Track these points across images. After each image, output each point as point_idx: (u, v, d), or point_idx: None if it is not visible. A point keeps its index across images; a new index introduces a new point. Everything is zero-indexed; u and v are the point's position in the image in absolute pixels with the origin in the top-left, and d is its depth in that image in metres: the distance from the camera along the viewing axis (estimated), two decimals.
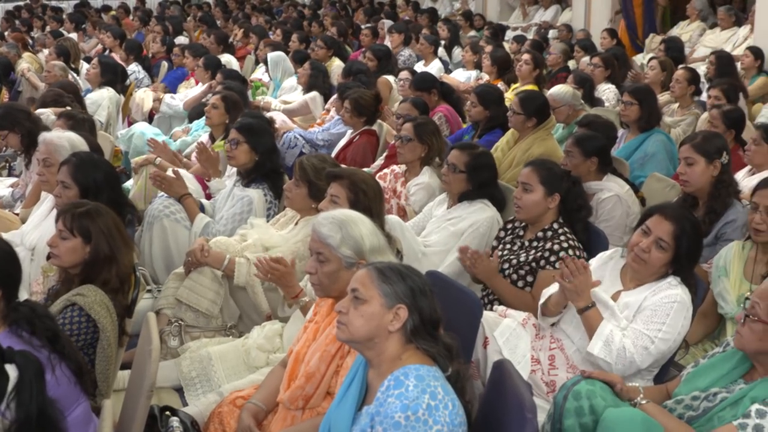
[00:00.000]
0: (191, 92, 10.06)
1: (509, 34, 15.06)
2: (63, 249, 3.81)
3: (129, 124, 9.47)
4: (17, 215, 5.95)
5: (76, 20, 17.61)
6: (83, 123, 6.46)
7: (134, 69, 11.60)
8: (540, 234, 4.68)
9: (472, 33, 15.70)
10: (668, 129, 7.56)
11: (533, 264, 4.59)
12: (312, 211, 4.85)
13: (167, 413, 3.70)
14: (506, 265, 4.68)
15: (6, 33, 15.88)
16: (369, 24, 15.88)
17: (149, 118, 10.07)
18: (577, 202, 4.76)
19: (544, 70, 10.11)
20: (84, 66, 10.84)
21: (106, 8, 21.07)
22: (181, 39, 14.95)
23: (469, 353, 3.86)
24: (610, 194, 5.50)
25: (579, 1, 15.21)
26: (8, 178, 7.27)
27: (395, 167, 6.24)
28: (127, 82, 10.18)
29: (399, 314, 2.87)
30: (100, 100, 8.93)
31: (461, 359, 2.99)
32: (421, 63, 11.84)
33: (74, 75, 10.08)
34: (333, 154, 7.34)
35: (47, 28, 17.21)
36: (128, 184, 7.06)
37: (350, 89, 7.81)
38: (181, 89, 10.84)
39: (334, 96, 8.83)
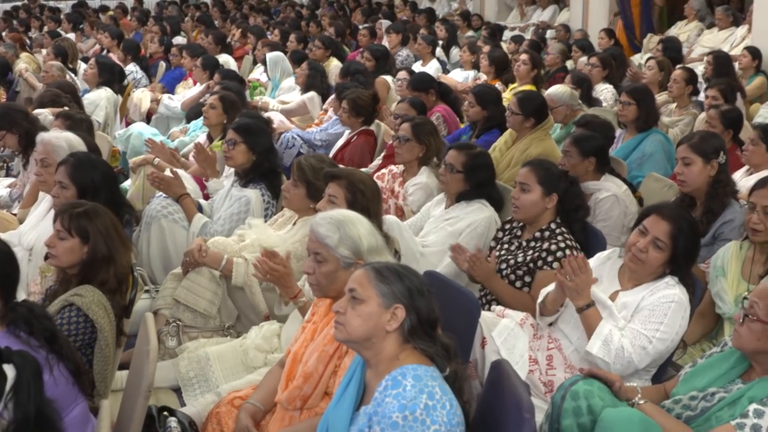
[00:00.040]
0: (189, 93, 10.05)
1: (507, 35, 15.07)
2: (61, 249, 3.81)
3: (127, 125, 9.44)
4: (15, 215, 5.95)
5: (74, 20, 17.59)
6: (81, 123, 6.45)
7: (132, 69, 11.58)
8: (537, 234, 4.68)
9: (470, 33, 15.69)
10: (666, 129, 7.56)
11: (531, 264, 4.59)
12: (310, 212, 4.84)
13: (165, 413, 3.70)
14: (504, 266, 4.68)
15: (4, 33, 15.83)
16: (367, 24, 15.88)
17: (147, 119, 10.05)
18: (575, 202, 4.76)
19: (542, 71, 10.11)
20: (82, 66, 10.83)
21: (104, 8, 21.03)
22: (179, 39, 14.95)
23: (467, 353, 3.86)
24: (608, 194, 5.50)
25: (577, 2, 15.22)
26: (6, 179, 7.25)
27: (393, 167, 6.24)
28: (125, 83, 10.16)
29: (396, 314, 2.87)
30: (98, 101, 8.92)
31: (459, 359, 2.99)
32: (419, 63, 11.84)
33: (72, 75, 10.06)
34: (331, 155, 7.34)
35: (45, 29, 17.21)
36: (126, 185, 7.06)
37: (348, 89, 7.80)
38: (179, 89, 10.82)
39: (332, 96, 8.82)
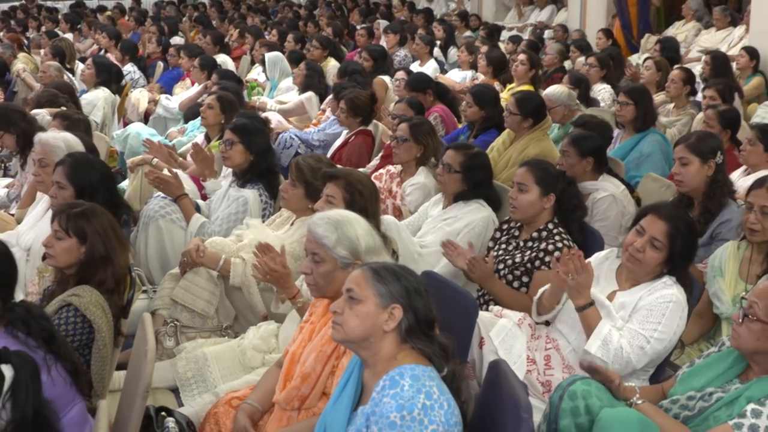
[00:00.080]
0: (187, 93, 10.04)
1: (505, 35, 15.06)
2: (58, 249, 3.81)
3: (124, 125, 9.45)
4: (12, 216, 5.94)
5: (72, 21, 17.59)
6: (79, 123, 6.45)
7: (130, 69, 11.58)
8: (535, 234, 4.68)
9: (468, 33, 15.69)
10: (664, 129, 7.57)
11: (528, 265, 4.59)
12: (308, 212, 4.84)
13: (163, 414, 3.70)
14: (501, 266, 4.68)
15: (1, 33, 15.83)
16: (364, 24, 15.87)
17: (145, 119, 10.05)
18: (573, 203, 4.76)
19: (540, 71, 10.11)
20: (79, 66, 10.82)
21: (102, 8, 21.03)
22: (177, 39, 14.93)
23: (465, 353, 3.86)
24: (606, 194, 5.50)
25: (574, 2, 15.21)
26: (4, 179, 7.24)
27: (391, 167, 6.24)
28: (123, 83, 10.16)
29: (394, 314, 2.87)
30: (96, 101, 8.91)
31: (457, 359, 2.99)
32: (417, 63, 11.83)
33: (69, 75, 10.06)
34: (328, 155, 7.34)
35: (42, 29, 17.21)
36: (124, 185, 7.06)
37: (346, 89, 7.81)
38: (177, 90, 10.82)
39: (330, 96, 8.82)
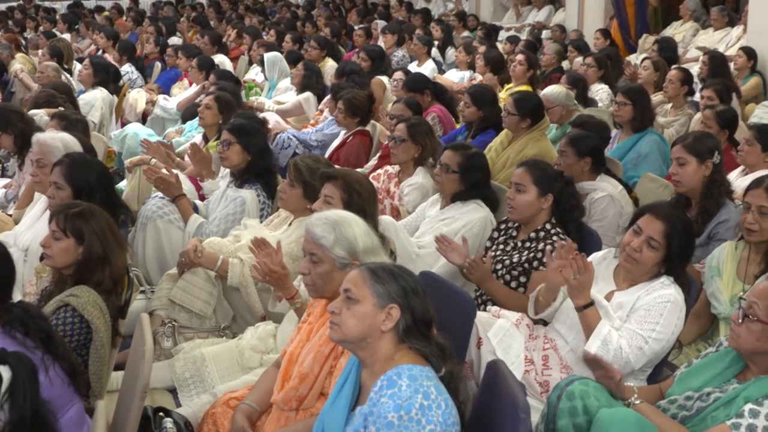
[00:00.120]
0: (185, 94, 10.04)
1: (502, 35, 15.06)
2: (56, 249, 3.81)
3: (122, 125, 9.44)
4: (10, 216, 5.94)
5: (70, 21, 17.58)
6: (76, 124, 6.45)
7: (127, 70, 11.58)
8: (533, 234, 4.68)
9: (466, 33, 15.70)
10: (661, 129, 7.57)
11: (526, 265, 4.59)
12: (306, 212, 4.84)
13: (161, 414, 3.70)
14: (499, 266, 4.68)
15: None
16: (362, 24, 15.87)
17: (143, 119, 10.05)
18: (570, 203, 4.77)
19: (538, 71, 10.11)
20: (77, 67, 10.81)
21: (100, 9, 21.04)
22: (175, 40, 14.94)
23: (463, 354, 3.86)
24: (603, 194, 5.50)
25: (572, 2, 15.22)
26: (1, 179, 7.23)
27: (389, 168, 6.24)
28: (121, 83, 10.16)
29: (391, 314, 2.87)
30: (93, 101, 8.91)
31: (454, 359, 2.99)
32: (415, 63, 11.83)
33: (67, 76, 10.06)
34: (326, 155, 7.34)
35: (40, 29, 17.18)
36: (122, 185, 7.05)
37: (344, 90, 7.80)
38: (175, 90, 10.82)
39: (328, 96, 8.82)
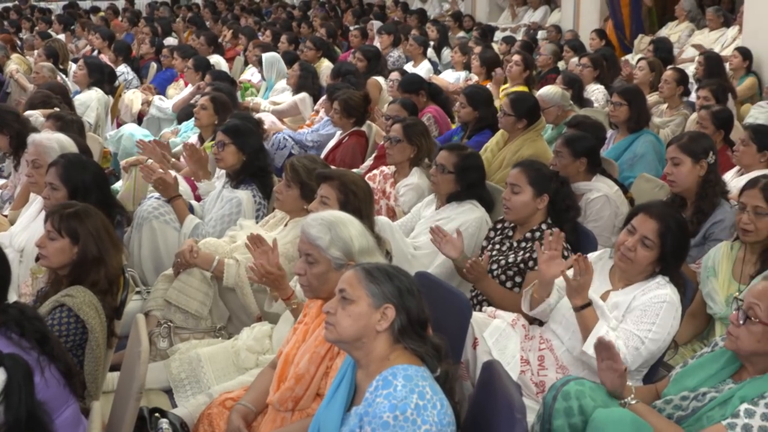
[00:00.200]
0: (181, 95, 10.03)
1: (498, 35, 15.08)
2: (51, 249, 3.81)
3: (118, 126, 9.43)
4: (6, 217, 5.93)
5: (65, 21, 17.57)
6: (72, 124, 6.44)
7: (123, 70, 11.57)
8: (528, 234, 4.68)
9: (461, 34, 15.69)
10: (657, 130, 7.57)
11: (521, 265, 4.59)
12: (302, 212, 4.84)
13: (156, 415, 3.70)
14: (495, 266, 4.68)
15: None
16: (358, 25, 15.87)
17: (138, 120, 10.03)
18: (566, 203, 4.77)
19: (534, 71, 10.12)
20: (73, 67, 10.80)
21: (95, 9, 20.98)
22: (170, 40, 14.92)
23: (459, 354, 3.86)
24: (599, 194, 5.50)
25: (568, 2, 15.22)
26: None
27: (384, 168, 6.24)
28: (116, 84, 10.15)
29: (386, 314, 2.87)
30: (89, 101, 8.90)
31: (450, 360, 2.99)
32: (411, 64, 11.84)
33: (63, 76, 10.04)
34: (322, 155, 7.33)
35: (36, 30, 17.16)
36: (117, 186, 7.05)
37: (339, 90, 7.80)
38: (170, 90, 10.81)
39: (324, 97, 8.82)
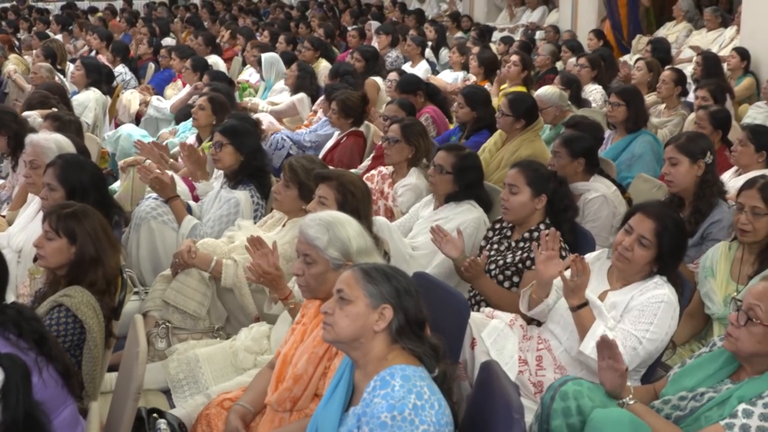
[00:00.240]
0: (179, 95, 10.02)
1: (496, 35, 15.08)
2: (49, 250, 3.81)
3: (116, 126, 9.43)
4: (3, 217, 5.93)
5: (63, 22, 17.54)
6: (70, 125, 6.43)
7: (121, 71, 11.56)
8: (527, 234, 4.68)
9: (459, 34, 15.70)
10: (655, 130, 7.58)
11: (519, 265, 4.59)
12: (300, 213, 4.83)
13: (154, 415, 3.70)
14: (493, 266, 4.68)
15: None
16: (356, 25, 15.85)
17: (136, 120, 10.03)
18: (564, 203, 4.77)
19: (532, 72, 10.11)
20: (70, 67, 10.80)
21: (93, 10, 20.95)
22: (168, 40, 14.90)
23: (457, 354, 3.86)
24: (597, 194, 5.50)
25: (566, 3, 15.22)
26: None
27: (382, 168, 6.24)
28: (114, 84, 10.14)
29: (384, 314, 2.87)
30: (87, 102, 8.90)
31: (448, 360, 2.99)
32: (408, 64, 11.83)
33: (60, 77, 10.04)
34: (320, 156, 7.33)
35: (33, 30, 17.15)
36: (115, 186, 7.04)
37: (337, 90, 7.79)
38: (168, 91, 10.80)
39: (322, 97, 8.81)
